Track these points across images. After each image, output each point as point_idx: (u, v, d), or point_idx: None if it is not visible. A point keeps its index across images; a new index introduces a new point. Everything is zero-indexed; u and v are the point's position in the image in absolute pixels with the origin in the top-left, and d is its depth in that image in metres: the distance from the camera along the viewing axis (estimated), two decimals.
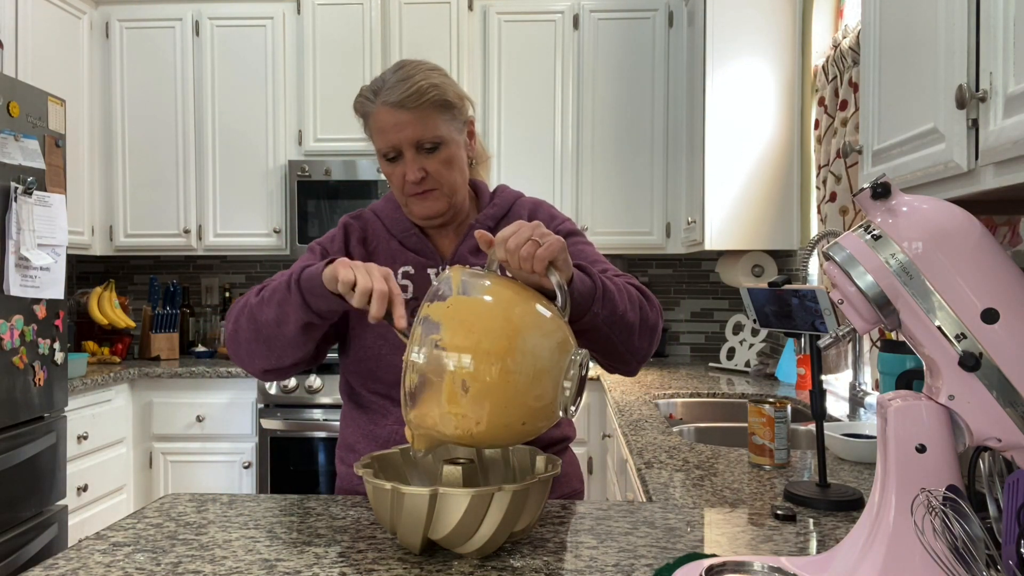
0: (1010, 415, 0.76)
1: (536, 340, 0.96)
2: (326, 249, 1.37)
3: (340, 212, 3.51)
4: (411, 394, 0.96)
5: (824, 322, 1.57)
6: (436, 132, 1.27)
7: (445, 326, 0.95)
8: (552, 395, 0.96)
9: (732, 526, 1.13)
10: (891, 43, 1.32)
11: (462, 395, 0.93)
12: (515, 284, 1.03)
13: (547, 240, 1.02)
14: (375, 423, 1.34)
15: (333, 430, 3.17)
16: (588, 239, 1.41)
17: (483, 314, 0.97)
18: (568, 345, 0.98)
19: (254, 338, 1.23)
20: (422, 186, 1.29)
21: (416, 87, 1.25)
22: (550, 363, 0.95)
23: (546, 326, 0.98)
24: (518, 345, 0.94)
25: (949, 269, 0.77)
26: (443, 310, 0.97)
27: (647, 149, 3.52)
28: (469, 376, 0.93)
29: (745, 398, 2.57)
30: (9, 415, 2.43)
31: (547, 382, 0.95)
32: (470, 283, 1.00)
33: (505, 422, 0.95)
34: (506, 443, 1.01)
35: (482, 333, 0.94)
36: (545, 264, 1.01)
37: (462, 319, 0.96)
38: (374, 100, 1.28)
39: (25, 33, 3.04)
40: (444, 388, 0.94)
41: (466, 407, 0.94)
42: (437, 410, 0.95)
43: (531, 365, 0.94)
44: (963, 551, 0.74)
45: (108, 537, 1.06)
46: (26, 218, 2.46)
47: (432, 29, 3.51)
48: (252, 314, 1.23)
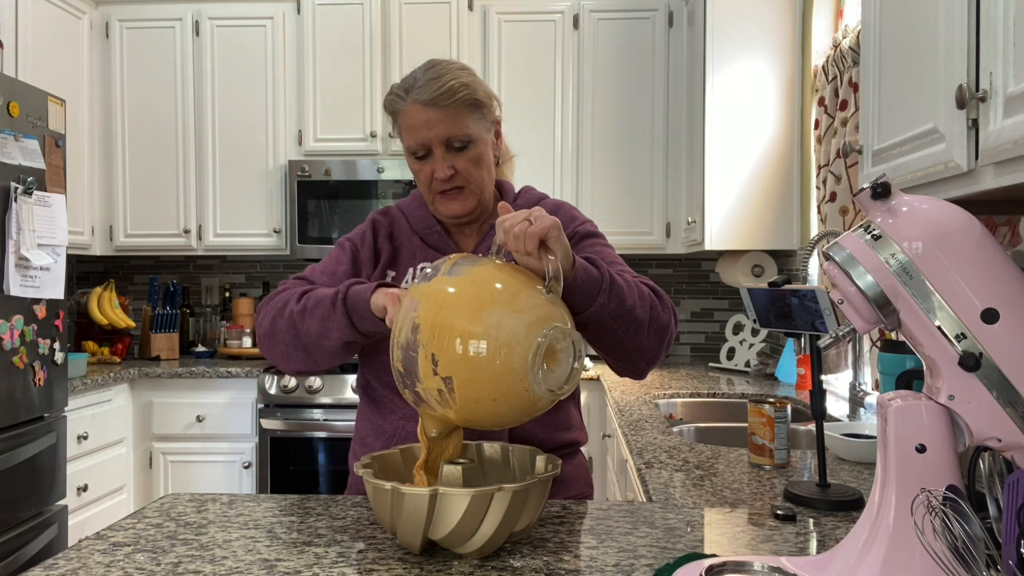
0: (1010, 415, 0.76)
1: (502, 316, 0.95)
2: (356, 246, 1.38)
3: (340, 212, 3.51)
4: (399, 372, 0.99)
5: (824, 322, 1.57)
6: (466, 131, 1.28)
7: (422, 303, 0.98)
8: (520, 371, 0.94)
9: (732, 526, 1.13)
10: (891, 43, 1.32)
11: (433, 370, 0.95)
12: (507, 266, 1.03)
13: (539, 219, 1.03)
14: (384, 417, 1.36)
15: (333, 430, 3.18)
16: (608, 242, 1.41)
17: (457, 291, 0.98)
18: (545, 323, 0.96)
19: (293, 343, 1.24)
20: (450, 183, 1.30)
21: (447, 86, 1.26)
22: (516, 339, 0.94)
23: (519, 303, 0.97)
24: (482, 318, 0.95)
25: (949, 269, 0.77)
26: (424, 289, 1.00)
27: (647, 149, 3.52)
28: (437, 350, 0.95)
29: (745, 398, 2.57)
30: (9, 415, 2.43)
31: (513, 358, 0.94)
32: (460, 265, 1.02)
33: (475, 396, 0.96)
34: (493, 422, 1.00)
35: (451, 308, 0.96)
36: (536, 241, 1.01)
37: (436, 296, 0.98)
38: (405, 98, 1.29)
39: (25, 33, 3.04)
40: (419, 363, 0.96)
41: (438, 381, 0.96)
42: (420, 386, 0.97)
43: (494, 340, 0.94)
44: (963, 551, 0.74)
45: (108, 537, 1.06)
46: (26, 218, 2.46)
47: (432, 29, 3.51)
48: (293, 321, 1.23)
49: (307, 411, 3.21)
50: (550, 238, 1.02)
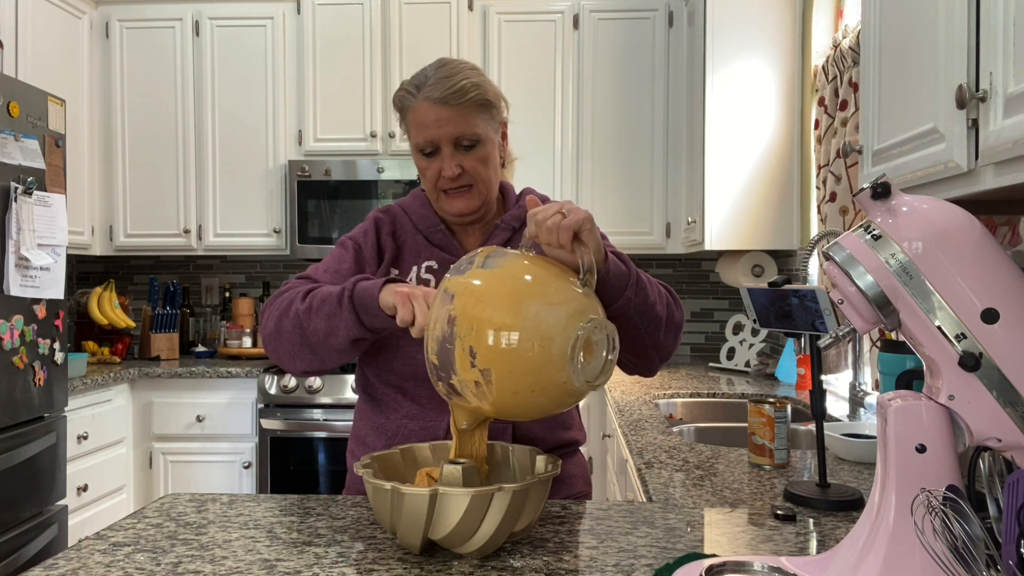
0: (1010, 415, 0.76)
1: (540, 308, 0.96)
2: (359, 244, 1.38)
3: (340, 212, 3.51)
4: (433, 365, 0.99)
5: (824, 322, 1.57)
6: (475, 130, 1.29)
7: (458, 296, 0.97)
8: (560, 363, 0.95)
9: (732, 526, 1.13)
10: (891, 43, 1.32)
11: (471, 362, 0.95)
12: (540, 259, 1.04)
13: (572, 212, 1.03)
14: (385, 416, 1.35)
15: (333, 430, 3.18)
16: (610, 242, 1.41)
17: (494, 284, 0.98)
18: (582, 315, 0.97)
19: (300, 343, 1.23)
20: (458, 182, 1.31)
21: (460, 85, 1.27)
22: (556, 331, 0.95)
23: (557, 296, 0.98)
24: (521, 311, 0.95)
25: (949, 269, 0.77)
26: (459, 282, 0.99)
27: (647, 149, 3.52)
28: (475, 343, 0.95)
29: (745, 398, 2.57)
30: (9, 415, 2.43)
31: (552, 350, 0.95)
32: (493, 258, 1.02)
33: (513, 388, 0.96)
34: (527, 413, 1.01)
35: (489, 301, 0.96)
36: (570, 234, 1.02)
37: (473, 289, 0.98)
38: (416, 94, 1.29)
39: (25, 33, 3.04)
40: (456, 356, 0.96)
41: (476, 374, 0.95)
42: (455, 378, 0.97)
43: (534, 332, 0.94)
44: (963, 551, 0.74)
45: (108, 537, 1.06)
46: (26, 218, 2.46)
47: (432, 29, 3.51)
48: (299, 321, 1.22)
49: (307, 411, 3.21)
50: (583, 231, 1.03)
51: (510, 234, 1.38)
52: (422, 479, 1.07)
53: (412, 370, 1.31)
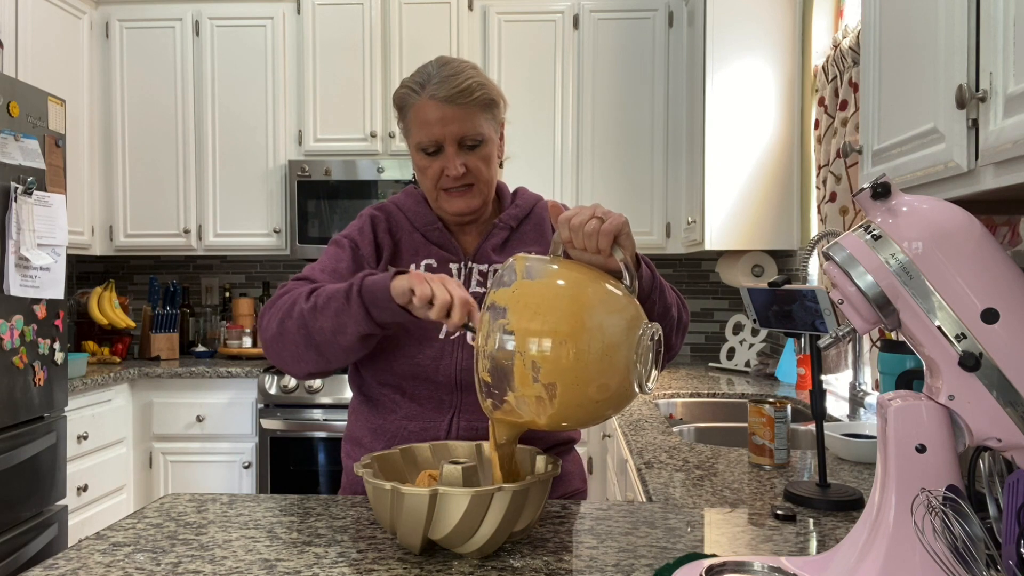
0: (1010, 415, 0.76)
1: (604, 317, 0.96)
2: (355, 242, 1.36)
3: (340, 212, 3.51)
4: (485, 382, 0.97)
5: (824, 322, 1.57)
6: (479, 130, 1.29)
7: (511, 310, 0.96)
8: (624, 371, 0.95)
9: (732, 526, 1.13)
10: (891, 43, 1.32)
11: (533, 377, 0.93)
12: (580, 265, 1.03)
13: (610, 216, 1.03)
14: (383, 417, 1.33)
15: (333, 430, 3.18)
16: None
17: (548, 295, 0.97)
18: (638, 321, 0.97)
19: (305, 344, 1.20)
20: (460, 181, 1.30)
21: (465, 85, 1.26)
22: (620, 339, 0.95)
23: (614, 303, 0.98)
24: (586, 323, 0.94)
25: (949, 269, 0.77)
26: (508, 295, 0.97)
27: (647, 149, 3.52)
28: (539, 357, 0.93)
29: (745, 398, 2.57)
30: (9, 415, 2.43)
31: (618, 358, 0.94)
32: (534, 268, 1.01)
33: (578, 401, 0.95)
34: (583, 422, 1.00)
35: (548, 313, 0.95)
36: (610, 240, 1.02)
37: (527, 302, 0.96)
38: (419, 93, 1.28)
39: (25, 33, 3.04)
40: (515, 372, 0.94)
41: (539, 388, 0.94)
42: (512, 394, 0.95)
43: (600, 342, 0.94)
44: (963, 551, 0.74)
45: (108, 537, 1.06)
46: (26, 218, 2.46)
47: (432, 29, 3.51)
48: (303, 320, 1.19)
49: (307, 411, 3.21)
50: (622, 235, 1.03)
51: (508, 233, 1.38)
52: (423, 480, 1.07)
53: (412, 370, 1.30)
